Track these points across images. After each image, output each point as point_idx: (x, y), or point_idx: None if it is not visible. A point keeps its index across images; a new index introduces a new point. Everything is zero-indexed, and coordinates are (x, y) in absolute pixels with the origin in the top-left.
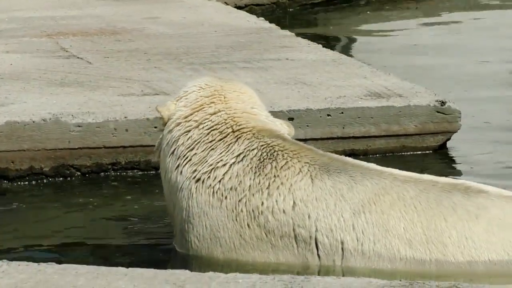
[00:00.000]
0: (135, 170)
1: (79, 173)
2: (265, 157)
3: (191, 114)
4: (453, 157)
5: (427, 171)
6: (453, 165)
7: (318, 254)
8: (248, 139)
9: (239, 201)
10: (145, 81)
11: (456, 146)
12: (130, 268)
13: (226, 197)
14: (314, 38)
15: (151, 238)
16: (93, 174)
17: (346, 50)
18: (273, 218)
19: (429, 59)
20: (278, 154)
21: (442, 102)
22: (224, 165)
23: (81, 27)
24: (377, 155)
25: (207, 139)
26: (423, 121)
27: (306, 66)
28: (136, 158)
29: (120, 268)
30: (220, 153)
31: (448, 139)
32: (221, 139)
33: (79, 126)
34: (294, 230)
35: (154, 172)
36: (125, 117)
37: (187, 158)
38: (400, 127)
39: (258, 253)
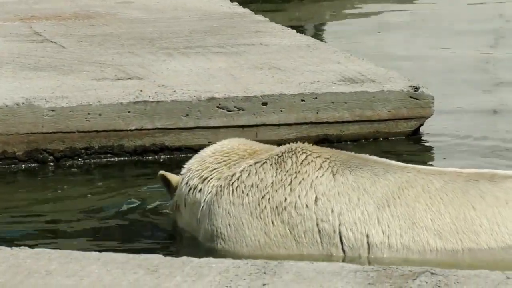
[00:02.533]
0: (108, 155)
1: (52, 158)
2: (284, 153)
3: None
4: (426, 142)
5: (401, 157)
6: (427, 151)
7: (343, 249)
8: (264, 152)
9: (262, 198)
10: (118, 66)
11: (429, 131)
12: (103, 253)
13: (247, 194)
14: (288, 23)
15: (124, 223)
16: (66, 159)
17: (319, 36)
18: (296, 213)
19: (402, 44)
20: (297, 149)
21: (416, 88)
22: (244, 165)
23: (54, 11)
24: (350, 142)
25: (224, 159)
26: (396, 107)
27: (280, 51)
28: (110, 142)
29: (93, 252)
30: (239, 161)
31: (422, 124)
32: (238, 158)
33: (52, 111)
34: (317, 224)
35: (127, 157)
36: (99, 102)
37: (206, 177)
38: (373, 113)
39: (283, 250)
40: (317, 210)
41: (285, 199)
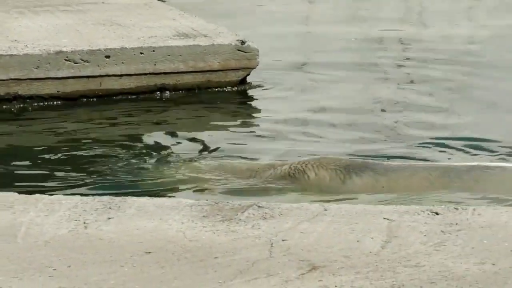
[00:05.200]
0: None
1: None
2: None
3: None
4: (251, 90)
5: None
6: (251, 101)
7: None
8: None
9: None
10: None
11: (255, 80)
12: None
13: None
14: None
15: None
16: None
17: None
18: None
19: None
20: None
21: (242, 41)
22: None
23: None
24: (185, 90)
25: None
26: (225, 58)
27: (121, 9)
28: None
29: None
30: None
31: (248, 74)
32: None
33: None
34: None
35: None
36: None
37: None
38: (205, 64)
39: None
40: None
41: None
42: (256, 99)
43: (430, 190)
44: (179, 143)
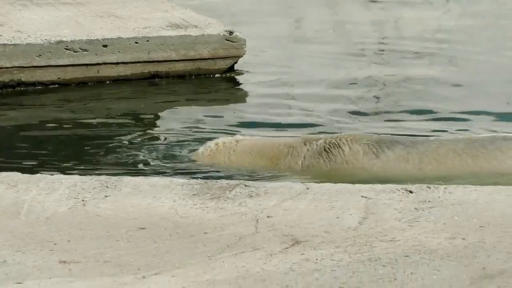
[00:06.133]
0: None
1: None
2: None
3: None
4: (239, 77)
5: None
6: (238, 85)
7: None
8: None
9: None
10: None
11: (242, 68)
12: None
13: None
14: None
15: None
16: None
17: None
18: None
19: None
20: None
21: (230, 32)
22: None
23: None
24: (177, 77)
25: None
26: (215, 48)
27: (117, 2)
28: None
29: None
30: None
31: (236, 62)
32: None
33: None
34: None
35: None
36: None
37: None
38: (196, 53)
39: None
40: None
41: None
42: (243, 84)
43: (458, 160)
44: (172, 124)
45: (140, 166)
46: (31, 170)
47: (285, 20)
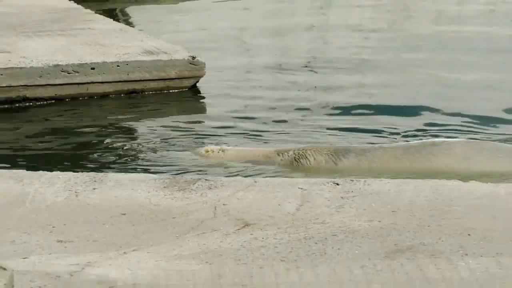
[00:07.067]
0: None
1: None
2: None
3: None
4: (200, 93)
5: (185, 103)
6: (201, 99)
7: None
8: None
9: None
10: None
11: (203, 85)
12: None
13: None
14: (107, 13)
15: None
16: None
17: (128, 23)
18: None
19: (186, 25)
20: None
21: (193, 57)
22: None
23: None
24: (151, 93)
25: None
26: (181, 70)
27: (102, 33)
28: None
29: None
30: None
31: (197, 81)
32: None
33: None
34: None
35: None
36: None
37: None
38: (165, 74)
39: None
40: None
41: None
42: (205, 98)
43: (398, 164)
44: (148, 131)
45: (122, 165)
46: (34, 168)
47: (238, 47)
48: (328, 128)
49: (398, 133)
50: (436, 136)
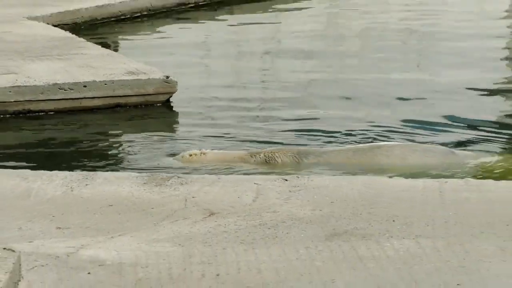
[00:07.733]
0: (1, 116)
1: None
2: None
3: None
4: (173, 106)
5: (160, 115)
6: (174, 112)
7: None
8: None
9: None
10: (3, 66)
11: (175, 100)
12: None
13: None
14: (97, 41)
15: None
16: None
17: (115, 49)
18: None
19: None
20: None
21: (167, 76)
22: None
23: None
24: (132, 106)
25: None
26: (157, 87)
27: (93, 57)
28: (1, 108)
29: None
30: None
31: (171, 96)
32: None
33: None
34: None
35: (10, 117)
36: None
37: None
38: (144, 90)
39: None
40: None
41: None
42: (177, 111)
43: (349, 163)
44: (131, 137)
45: (110, 165)
46: (37, 168)
47: (204, 69)
48: (289, 131)
49: (352, 135)
50: (379, 138)
